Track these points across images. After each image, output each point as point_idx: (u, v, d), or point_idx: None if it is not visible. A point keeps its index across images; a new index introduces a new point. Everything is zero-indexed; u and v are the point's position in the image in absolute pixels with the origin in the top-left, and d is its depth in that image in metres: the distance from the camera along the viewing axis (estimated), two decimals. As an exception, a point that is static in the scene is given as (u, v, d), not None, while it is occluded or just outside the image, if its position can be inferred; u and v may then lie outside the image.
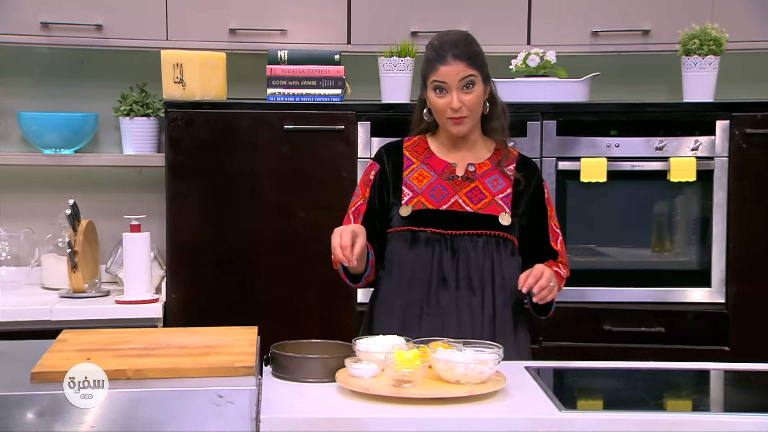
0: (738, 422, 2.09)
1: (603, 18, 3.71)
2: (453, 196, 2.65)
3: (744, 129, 3.47)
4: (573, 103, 3.57)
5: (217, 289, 3.49)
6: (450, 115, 2.60)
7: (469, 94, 2.59)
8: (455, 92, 2.58)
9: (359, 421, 2.06)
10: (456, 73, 2.57)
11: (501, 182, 2.67)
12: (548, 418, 2.08)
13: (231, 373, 2.05)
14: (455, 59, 2.57)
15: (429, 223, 2.64)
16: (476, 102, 2.61)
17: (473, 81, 2.59)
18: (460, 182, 2.67)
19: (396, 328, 2.56)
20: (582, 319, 3.50)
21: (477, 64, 2.60)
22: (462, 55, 2.58)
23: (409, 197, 2.66)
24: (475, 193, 2.66)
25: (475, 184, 2.66)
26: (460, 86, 2.58)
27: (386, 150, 2.75)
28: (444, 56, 2.58)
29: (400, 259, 2.66)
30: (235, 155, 3.48)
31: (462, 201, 2.65)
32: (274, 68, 3.53)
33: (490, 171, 2.69)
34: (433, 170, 2.68)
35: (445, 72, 2.58)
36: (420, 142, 2.73)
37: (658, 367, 2.55)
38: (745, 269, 3.50)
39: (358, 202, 2.71)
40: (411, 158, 2.71)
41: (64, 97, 3.91)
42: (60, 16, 3.60)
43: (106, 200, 3.88)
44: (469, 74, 2.58)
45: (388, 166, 2.70)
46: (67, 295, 3.57)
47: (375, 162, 2.74)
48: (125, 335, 2.37)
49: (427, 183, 2.66)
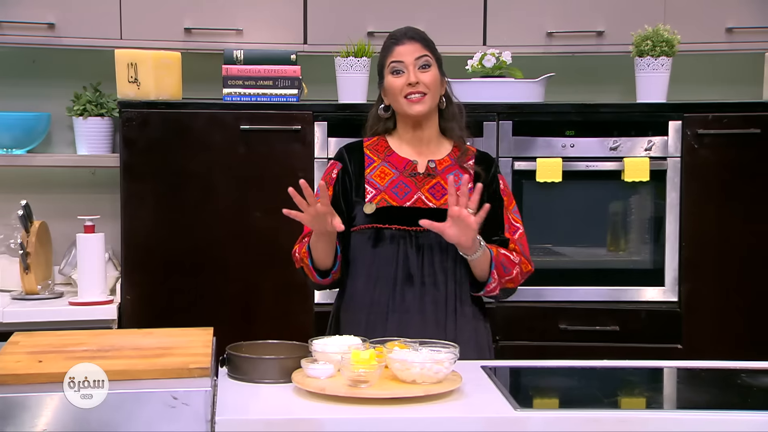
0: (690, 419, 2.11)
1: (558, 19, 3.74)
2: (416, 192, 2.66)
3: (696, 130, 3.52)
4: (529, 104, 3.60)
5: (173, 290, 3.47)
6: (407, 92, 2.62)
7: (426, 72, 2.63)
8: (412, 69, 2.62)
9: (315, 422, 2.06)
10: (411, 51, 2.64)
11: (461, 177, 2.68)
12: (503, 417, 2.09)
13: (186, 375, 2.04)
14: (410, 40, 2.66)
15: (393, 220, 2.64)
16: (433, 81, 2.64)
17: (429, 62, 2.65)
18: (421, 179, 2.68)
19: (362, 327, 2.57)
20: (538, 318, 3.53)
21: (431, 49, 2.68)
22: (416, 36, 2.67)
23: (372, 195, 2.66)
24: (438, 188, 2.67)
25: (437, 180, 2.68)
26: (417, 65, 2.63)
27: (347, 149, 2.75)
28: (399, 39, 2.67)
29: (364, 258, 2.66)
30: (191, 155, 3.46)
31: (425, 197, 2.66)
32: (230, 68, 3.51)
33: (451, 167, 2.70)
34: (394, 167, 2.68)
35: (401, 51, 2.64)
36: (380, 141, 2.74)
37: (613, 366, 2.58)
38: (697, 268, 3.55)
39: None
40: (372, 156, 2.71)
41: (16, 96, 3.86)
42: (11, 14, 3.55)
43: (60, 201, 3.84)
44: (424, 54, 2.64)
45: (350, 165, 2.70)
46: (19, 297, 3.53)
47: (336, 161, 2.74)
48: (78, 337, 2.34)
49: (390, 180, 2.66)
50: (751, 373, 2.47)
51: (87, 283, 3.45)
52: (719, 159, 3.53)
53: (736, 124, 3.53)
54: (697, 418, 2.11)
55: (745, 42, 3.74)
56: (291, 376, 2.23)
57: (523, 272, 2.71)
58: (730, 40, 3.73)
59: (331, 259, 2.62)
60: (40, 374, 2.01)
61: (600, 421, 2.10)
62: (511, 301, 3.50)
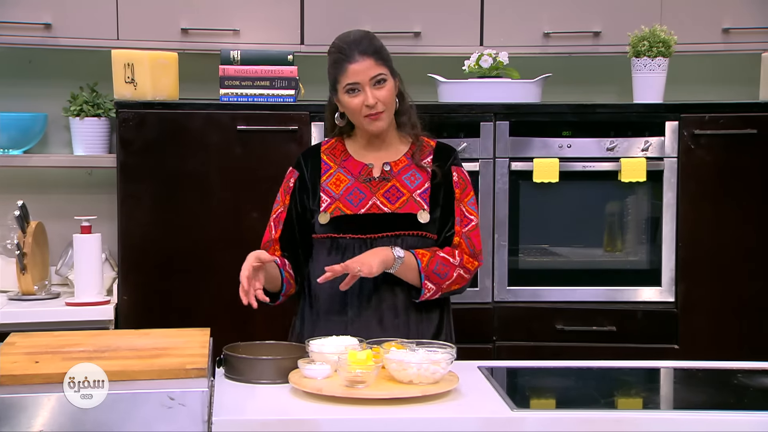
0: (687, 420, 2.12)
1: (554, 19, 3.74)
2: (370, 198, 2.63)
3: (692, 130, 3.52)
4: (525, 104, 3.60)
5: (170, 290, 3.46)
6: (366, 113, 2.59)
7: (382, 89, 2.59)
8: (368, 89, 2.57)
9: (312, 422, 2.06)
10: (365, 69, 2.57)
11: (419, 177, 2.65)
12: (500, 417, 2.09)
13: (182, 375, 2.04)
14: (362, 56, 2.58)
15: (348, 229, 2.61)
16: (389, 97, 2.60)
17: (384, 77, 2.59)
18: (376, 183, 2.65)
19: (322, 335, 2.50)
20: (534, 318, 3.53)
21: (383, 59, 2.61)
22: (368, 50, 2.59)
23: (327, 204, 2.63)
24: (393, 192, 2.64)
25: (392, 183, 2.65)
26: (372, 83, 2.58)
27: (304, 156, 2.74)
28: (350, 55, 2.58)
29: (321, 268, 2.57)
30: (188, 156, 3.46)
31: (380, 202, 2.63)
32: (226, 68, 3.51)
33: (407, 167, 2.67)
34: (350, 173, 2.66)
35: (355, 70, 2.57)
36: (337, 144, 2.72)
37: (609, 366, 2.59)
38: (694, 268, 3.55)
39: (278, 210, 2.71)
40: (329, 162, 2.69)
41: (12, 97, 3.85)
42: (8, 14, 3.55)
43: (56, 201, 3.84)
44: (378, 72, 2.58)
45: (306, 172, 2.69)
46: (15, 298, 3.52)
47: (294, 169, 2.72)
48: (75, 338, 2.34)
49: (345, 188, 2.64)
50: (747, 373, 2.47)
51: (84, 284, 3.44)
52: (716, 159, 3.53)
53: (733, 124, 3.53)
54: (694, 418, 2.12)
55: (742, 42, 3.75)
56: (288, 377, 2.24)
57: (469, 270, 2.63)
58: (727, 40, 3.74)
59: (277, 283, 2.62)
60: (36, 375, 2.01)
61: (596, 422, 2.11)
62: (507, 301, 3.53)
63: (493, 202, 3.51)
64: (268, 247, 2.68)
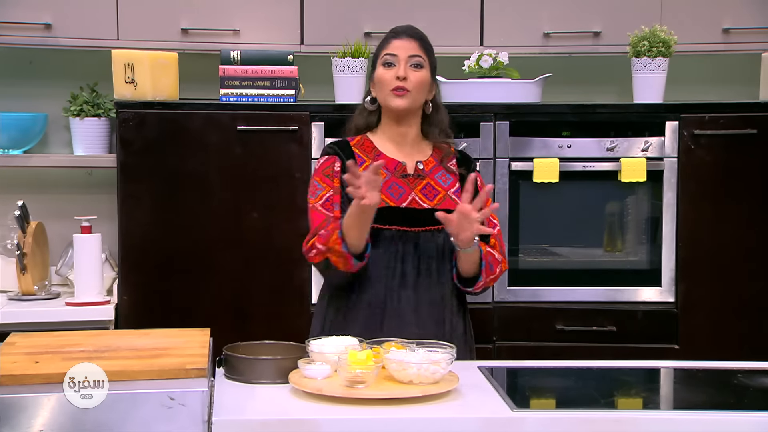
0: (687, 420, 2.12)
1: (554, 20, 3.74)
2: (410, 193, 2.66)
3: (692, 130, 3.52)
4: (526, 104, 3.60)
5: (170, 290, 3.46)
6: (394, 85, 2.62)
7: (417, 72, 2.64)
8: (403, 64, 2.64)
9: (312, 422, 2.06)
10: (406, 48, 2.65)
11: (448, 177, 2.71)
12: (500, 417, 2.09)
13: (183, 375, 2.03)
14: (408, 37, 2.68)
15: (392, 221, 2.63)
16: (421, 82, 2.64)
17: (421, 63, 2.65)
18: (412, 180, 2.68)
19: (359, 326, 2.57)
20: (534, 318, 3.53)
21: (427, 52, 2.68)
22: (415, 36, 2.69)
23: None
24: (429, 189, 2.67)
25: (427, 181, 2.68)
26: (409, 63, 2.64)
27: (337, 146, 2.73)
28: (399, 34, 2.69)
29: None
30: (188, 156, 3.46)
31: (418, 198, 2.66)
32: (226, 68, 3.51)
33: (436, 168, 2.71)
34: (385, 168, 2.67)
35: (396, 45, 2.66)
36: (365, 141, 2.73)
37: (609, 366, 2.58)
38: (694, 268, 3.55)
39: (326, 194, 2.65)
40: (362, 156, 2.70)
41: (12, 97, 3.85)
42: (8, 15, 3.55)
43: (56, 201, 3.84)
44: (418, 54, 2.65)
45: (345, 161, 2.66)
46: (15, 298, 3.52)
47: (333, 155, 2.70)
48: (75, 338, 2.34)
49: (383, 181, 2.64)
50: (747, 373, 2.47)
51: (84, 284, 3.44)
52: (716, 159, 3.53)
53: (733, 124, 3.53)
54: (694, 418, 2.11)
55: (742, 42, 3.75)
56: (288, 377, 2.23)
57: (502, 270, 2.71)
58: (727, 40, 3.74)
59: (365, 238, 2.57)
60: (36, 375, 2.01)
61: (596, 422, 2.10)
62: (507, 301, 3.53)
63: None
64: (327, 225, 2.60)
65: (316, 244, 2.58)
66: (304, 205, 3.43)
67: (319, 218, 2.63)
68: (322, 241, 2.56)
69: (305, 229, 3.53)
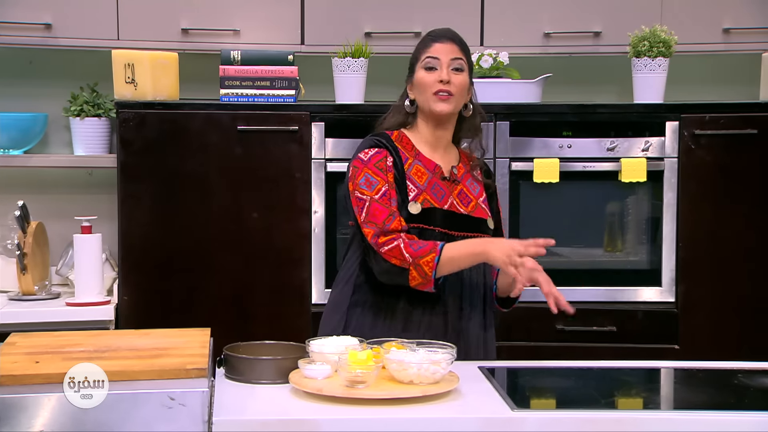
0: (687, 420, 2.11)
1: (555, 20, 3.74)
2: (449, 196, 2.64)
3: (693, 130, 3.52)
4: (526, 104, 3.60)
5: (170, 290, 3.46)
6: (438, 89, 2.60)
7: (458, 76, 2.62)
8: (446, 68, 2.61)
9: (313, 423, 2.06)
10: (448, 51, 2.62)
11: (476, 186, 2.69)
12: (500, 418, 2.09)
13: (183, 375, 2.03)
14: (449, 40, 2.65)
15: (437, 222, 2.60)
16: (463, 85, 2.63)
17: (462, 66, 2.63)
18: (449, 184, 2.66)
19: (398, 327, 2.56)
20: (534, 318, 3.52)
21: (466, 54, 2.67)
22: (455, 39, 2.66)
23: (416, 193, 2.60)
24: (463, 195, 2.66)
25: (461, 187, 2.67)
26: (451, 66, 2.61)
27: (384, 139, 2.65)
28: (438, 36, 2.66)
29: None
30: (188, 156, 3.46)
31: (456, 202, 2.65)
32: (227, 68, 3.51)
33: (466, 175, 2.70)
34: (426, 168, 2.64)
35: (438, 48, 2.63)
36: (402, 137, 2.67)
37: (610, 366, 2.58)
38: (694, 268, 3.55)
39: (382, 188, 2.57)
40: (405, 153, 2.65)
41: (12, 97, 3.86)
42: (8, 15, 3.55)
43: (57, 201, 3.84)
44: (459, 57, 2.63)
45: (395, 156, 2.62)
46: (16, 298, 3.52)
47: (383, 149, 2.61)
48: (75, 338, 2.34)
49: (427, 180, 2.62)
50: (747, 373, 2.47)
51: (84, 284, 3.44)
52: (716, 159, 3.53)
53: (733, 124, 3.53)
54: (694, 418, 2.11)
55: (742, 42, 3.75)
56: (288, 377, 2.23)
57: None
58: (727, 40, 3.74)
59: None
60: (37, 375, 2.01)
61: (597, 422, 2.10)
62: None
63: (494, 202, 3.51)
64: (392, 221, 2.54)
65: (402, 250, 2.50)
66: (304, 205, 3.47)
67: (383, 212, 2.54)
68: (411, 252, 2.50)
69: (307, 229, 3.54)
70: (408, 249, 2.50)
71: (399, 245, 2.51)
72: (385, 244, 2.52)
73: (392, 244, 2.51)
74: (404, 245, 2.51)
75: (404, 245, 2.51)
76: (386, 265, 2.53)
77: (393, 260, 2.51)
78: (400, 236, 2.52)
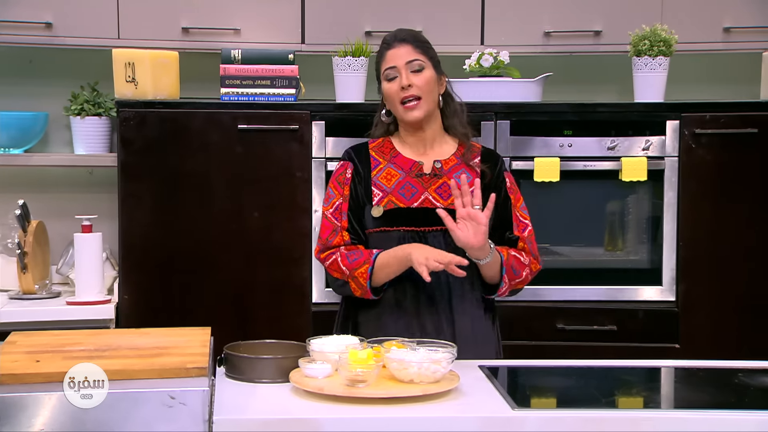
0: (688, 419, 2.12)
1: (555, 19, 3.74)
2: (423, 193, 2.65)
3: (693, 129, 3.52)
4: (526, 103, 3.60)
5: (171, 289, 3.46)
6: (401, 97, 2.61)
7: (419, 76, 2.62)
8: (404, 72, 2.62)
9: (313, 422, 2.06)
10: (402, 55, 2.63)
11: (468, 176, 2.67)
12: (501, 417, 2.09)
13: (183, 375, 2.04)
14: (400, 42, 2.65)
15: (401, 222, 2.63)
16: (426, 83, 2.63)
17: (422, 65, 2.63)
18: (428, 179, 2.67)
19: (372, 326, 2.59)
20: (535, 317, 3.53)
21: (424, 50, 2.66)
22: (407, 39, 2.66)
23: (380, 197, 2.65)
24: (445, 188, 2.66)
25: (444, 180, 2.67)
26: (409, 69, 2.62)
27: (354, 150, 2.74)
28: (390, 43, 2.67)
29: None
30: (188, 155, 3.46)
31: (432, 197, 2.65)
32: (227, 67, 3.51)
33: (457, 166, 2.70)
34: (400, 168, 2.68)
35: (392, 55, 2.64)
36: (385, 143, 2.74)
37: (610, 365, 2.59)
38: (695, 267, 3.55)
39: (336, 202, 2.68)
40: (378, 158, 2.70)
41: (13, 96, 3.85)
42: (9, 14, 3.55)
43: (57, 200, 3.84)
44: (415, 58, 2.63)
45: (359, 165, 2.69)
46: (16, 297, 3.52)
47: (347, 161, 2.72)
48: (75, 337, 2.34)
49: (396, 182, 2.66)
50: (748, 372, 2.48)
51: (84, 283, 3.44)
52: (716, 158, 3.53)
53: (734, 123, 3.53)
54: (695, 417, 2.12)
55: (743, 42, 3.75)
56: (289, 376, 2.23)
57: (532, 272, 2.70)
58: (728, 39, 3.74)
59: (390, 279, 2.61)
60: (37, 374, 2.01)
61: (597, 421, 2.11)
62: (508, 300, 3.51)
63: (494, 202, 3.51)
64: (334, 237, 2.64)
65: (339, 264, 2.60)
66: (305, 204, 3.47)
67: (328, 227, 2.66)
68: (347, 264, 2.59)
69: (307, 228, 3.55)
70: (344, 262, 2.60)
71: (336, 259, 2.62)
72: (326, 259, 2.65)
73: (331, 259, 2.63)
74: (341, 259, 2.61)
75: (341, 259, 2.61)
76: (331, 279, 2.67)
77: (335, 274, 2.64)
78: (338, 251, 2.62)
